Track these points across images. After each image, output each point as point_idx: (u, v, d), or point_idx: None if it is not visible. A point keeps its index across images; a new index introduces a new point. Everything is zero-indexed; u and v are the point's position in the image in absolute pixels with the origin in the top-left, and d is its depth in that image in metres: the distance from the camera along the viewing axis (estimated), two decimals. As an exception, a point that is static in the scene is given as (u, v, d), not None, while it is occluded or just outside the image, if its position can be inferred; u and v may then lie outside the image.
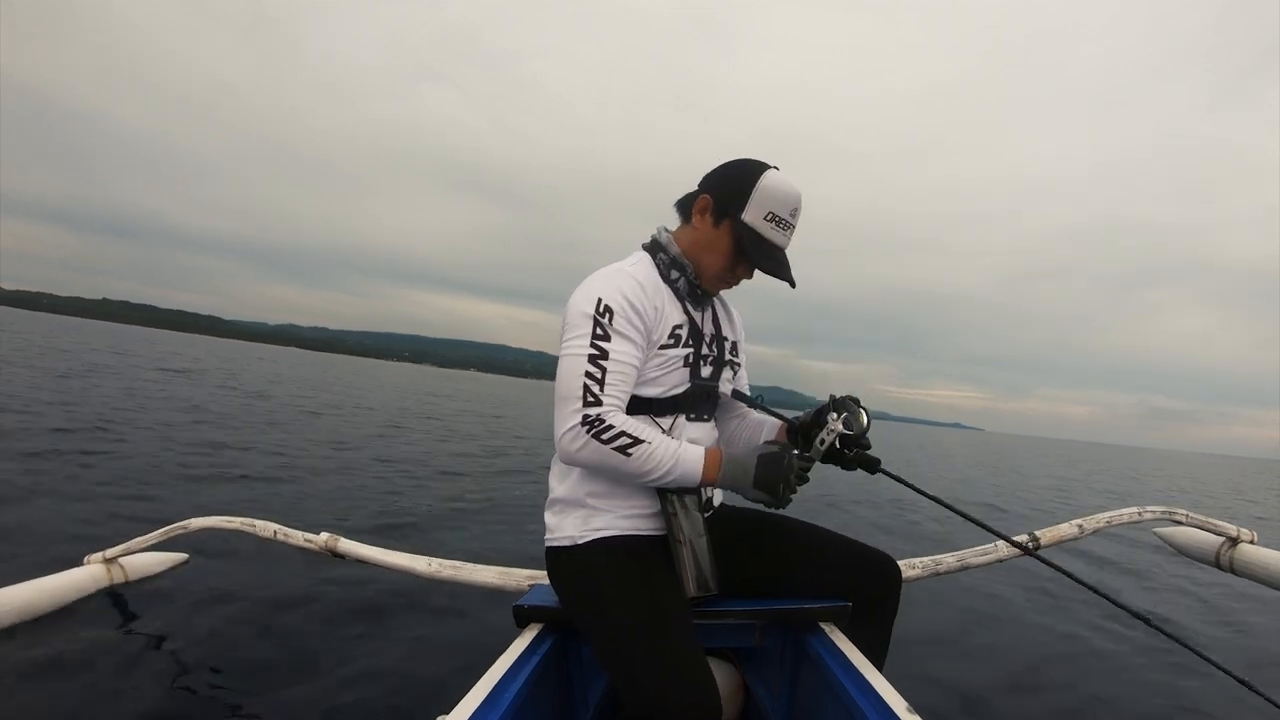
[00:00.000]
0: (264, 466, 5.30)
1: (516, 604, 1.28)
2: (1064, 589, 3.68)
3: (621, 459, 1.08)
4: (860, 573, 1.27)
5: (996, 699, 2.20)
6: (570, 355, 1.11)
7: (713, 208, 1.20)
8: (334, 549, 1.95)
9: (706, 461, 1.12)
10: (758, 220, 1.16)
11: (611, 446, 1.07)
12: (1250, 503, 12.51)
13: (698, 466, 1.12)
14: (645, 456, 1.08)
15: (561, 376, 1.11)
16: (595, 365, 1.09)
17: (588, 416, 1.07)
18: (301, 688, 1.87)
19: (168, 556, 2.51)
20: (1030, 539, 1.95)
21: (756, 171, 1.17)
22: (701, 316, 1.28)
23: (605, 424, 1.07)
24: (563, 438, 1.09)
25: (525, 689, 1.03)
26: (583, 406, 1.08)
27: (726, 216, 1.19)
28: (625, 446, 1.07)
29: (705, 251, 1.22)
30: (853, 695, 1.02)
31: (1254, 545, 2.13)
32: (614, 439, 1.07)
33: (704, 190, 1.22)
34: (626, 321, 1.13)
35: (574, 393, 1.09)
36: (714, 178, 1.22)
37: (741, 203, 1.17)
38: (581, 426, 1.07)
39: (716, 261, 1.22)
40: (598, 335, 1.11)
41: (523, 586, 1.76)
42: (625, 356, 1.12)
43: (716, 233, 1.20)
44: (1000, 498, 9.02)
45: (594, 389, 1.08)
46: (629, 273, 1.18)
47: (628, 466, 1.09)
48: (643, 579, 1.11)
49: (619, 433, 1.07)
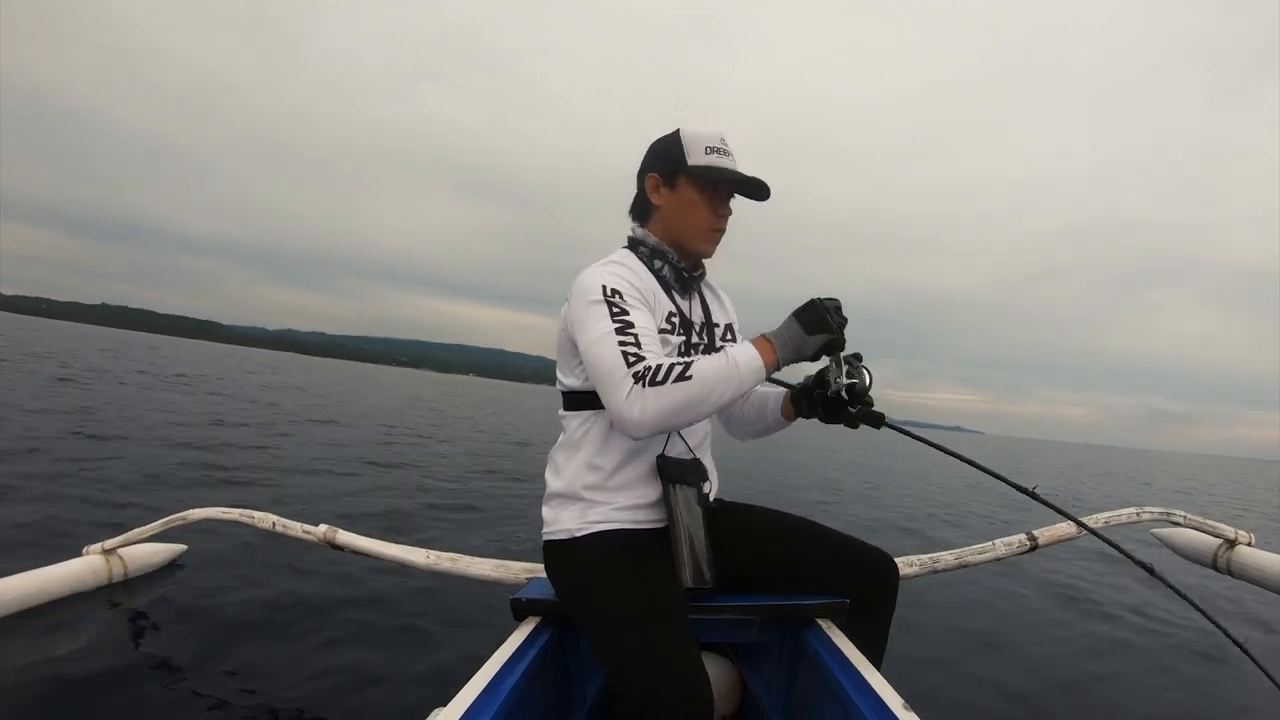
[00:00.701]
0: (263, 468, 5.31)
1: (514, 597, 1.28)
2: (1064, 589, 3.68)
3: (686, 386, 1.01)
4: (858, 570, 1.27)
5: (992, 697, 2.21)
6: (598, 339, 1.08)
7: (662, 178, 1.25)
8: (332, 540, 1.95)
9: (760, 349, 1.09)
10: (702, 159, 1.22)
11: (671, 381, 1.01)
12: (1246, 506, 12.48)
13: (754, 353, 1.08)
14: (703, 372, 1.03)
15: (599, 360, 1.07)
16: (626, 335, 1.07)
17: (636, 373, 1.03)
18: (299, 679, 1.87)
19: (166, 547, 2.51)
20: (1028, 539, 1.95)
21: (674, 132, 1.25)
22: (689, 305, 1.29)
23: (652, 368, 1.03)
24: (625, 409, 1.02)
25: (522, 682, 1.03)
26: (629, 370, 1.04)
27: (677, 175, 1.24)
28: (681, 373, 1.02)
29: (682, 216, 1.25)
30: (849, 692, 1.02)
31: (1251, 548, 2.13)
32: (668, 374, 1.02)
33: (640, 176, 1.28)
34: (635, 298, 1.14)
35: (617, 365, 1.04)
36: (646, 162, 1.28)
37: (680, 156, 1.22)
38: (635, 385, 1.02)
39: (697, 216, 1.25)
40: (615, 312, 1.10)
41: (520, 580, 1.76)
42: (647, 323, 1.12)
43: (680, 193, 1.25)
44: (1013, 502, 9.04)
45: (633, 352, 1.05)
46: (619, 262, 1.21)
47: (695, 389, 1.02)
48: (639, 572, 1.11)
49: (669, 366, 1.03)
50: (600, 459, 1.20)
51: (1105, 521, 2.12)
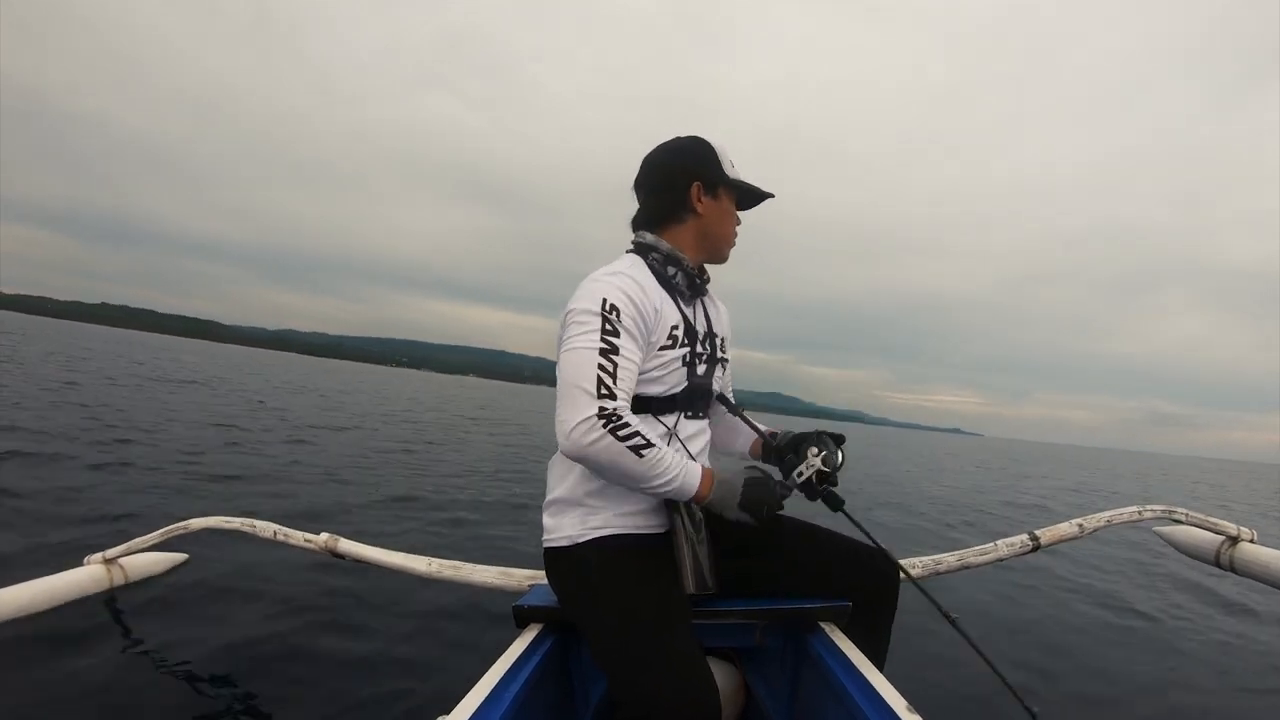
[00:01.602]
0: (262, 468, 5.30)
1: (516, 604, 1.28)
2: (1063, 589, 3.68)
3: (633, 459, 1.04)
4: (860, 572, 1.27)
5: (996, 699, 2.20)
6: (579, 349, 1.08)
7: (705, 187, 1.28)
8: (334, 549, 1.95)
9: (703, 483, 1.12)
10: (733, 172, 1.30)
11: (627, 444, 1.03)
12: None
13: (697, 482, 1.11)
14: (655, 461, 1.05)
15: (571, 368, 1.07)
16: (607, 360, 1.07)
17: (605, 409, 1.03)
18: (301, 688, 1.87)
19: (168, 557, 2.50)
20: (1030, 539, 1.95)
21: (702, 141, 1.30)
22: (694, 314, 1.29)
23: (623, 420, 1.04)
24: (575, 429, 1.03)
25: (525, 689, 1.03)
26: (598, 398, 1.04)
27: (718, 185, 1.29)
28: (640, 447, 1.04)
29: (720, 224, 1.31)
30: (853, 695, 1.02)
31: (1254, 544, 2.12)
32: (630, 437, 1.03)
33: (678, 183, 1.28)
34: (632, 321, 1.13)
35: (586, 385, 1.04)
36: (676, 167, 1.29)
37: (719, 168, 1.28)
38: (598, 418, 1.02)
39: (729, 226, 1.32)
40: (607, 331, 1.09)
41: (522, 587, 1.76)
42: (632, 355, 1.12)
43: (720, 203, 1.29)
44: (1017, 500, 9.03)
45: (607, 381, 1.06)
46: (627, 274, 1.18)
47: (636, 468, 1.04)
48: (641, 578, 1.11)
49: (635, 432, 1.04)
50: None
51: (1108, 521, 2.12)
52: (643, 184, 1.32)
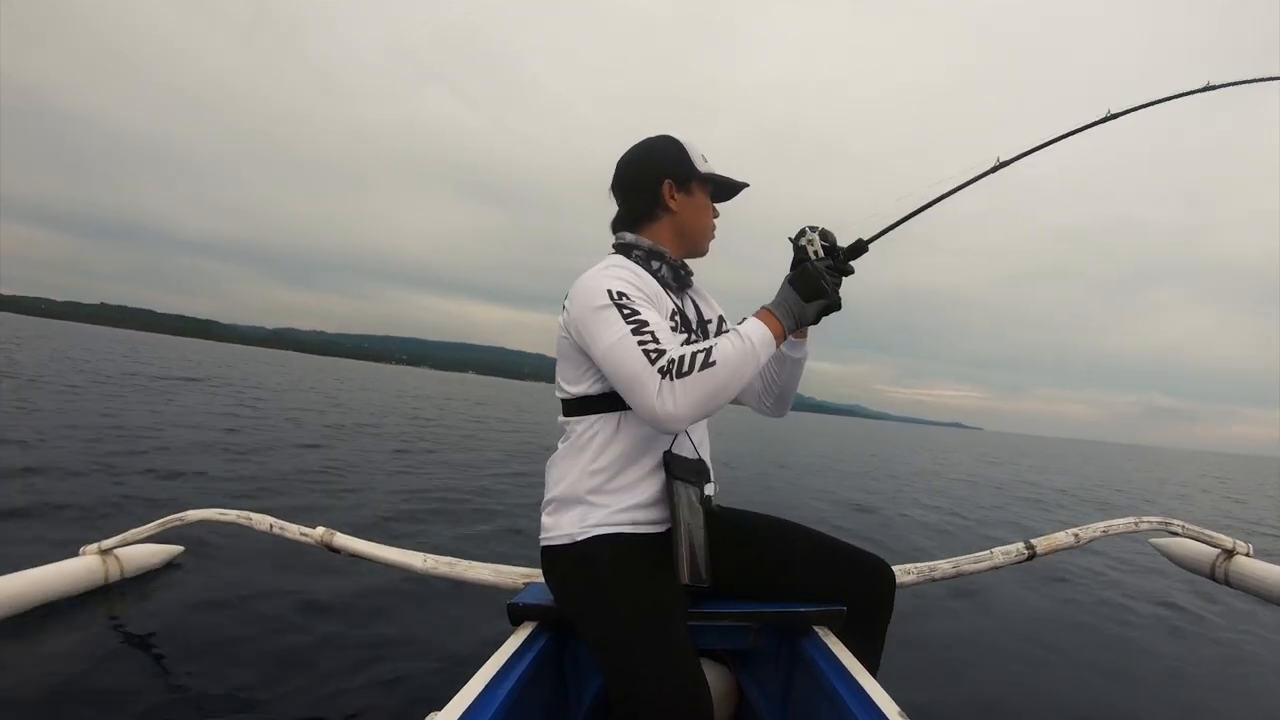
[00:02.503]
0: (261, 468, 5.30)
1: (511, 602, 1.28)
2: (1063, 596, 3.67)
3: (713, 372, 1.03)
4: (855, 577, 1.27)
5: (989, 706, 2.20)
6: (616, 342, 1.08)
7: (676, 184, 1.30)
8: (330, 543, 1.95)
9: (765, 320, 1.13)
10: (704, 166, 1.32)
11: (698, 370, 1.02)
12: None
13: (763, 327, 1.11)
14: (724, 356, 1.04)
15: (620, 363, 1.06)
16: (643, 334, 1.07)
17: (662, 368, 1.03)
18: (294, 682, 1.87)
19: (164, 548, 2.51)
20: (1026, 547, 1.95)
21: (669, 138, 1.33)
22: (684, 304, 1.32)
23: (677, 360, 1.04)
24: (658, 406, 1.01)
25: (518, 687, 1.03)
26: (654, 367, 1.03)
27: (689, 180, 1.31)
28: (705, 360, 1.03)
29: (695, 218, 1.33)
30: (845, 699, 1.02)
31: (1249, 558, 2.13)
32: (693, 363, 1.03)
33: (649, 182, 1.30)
34: (641, 298, 1.15)
35: (642, 365, 1.04)
36: (646, 166, 1.32)
37: (689, 164, 1.31)
38: (663, 381, 1.02)
39: (706, 218, 1.35)
40: (627, 314, 1.10)
41: (518, 584, 1.76)
42: (659, 319, 1.13)
43: (693, 198, 1.32)
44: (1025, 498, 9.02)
45: (653, 349, 1.05)
46: (619, 266, 1.22)
47: (721, 374, 1.03)
48: (637, 576, 1.11)
49: (690, 355, 1.04)
50: (602, 462, 1.20)
51: (1104, 531, 2.12)
52: (618, 186, 1.35)
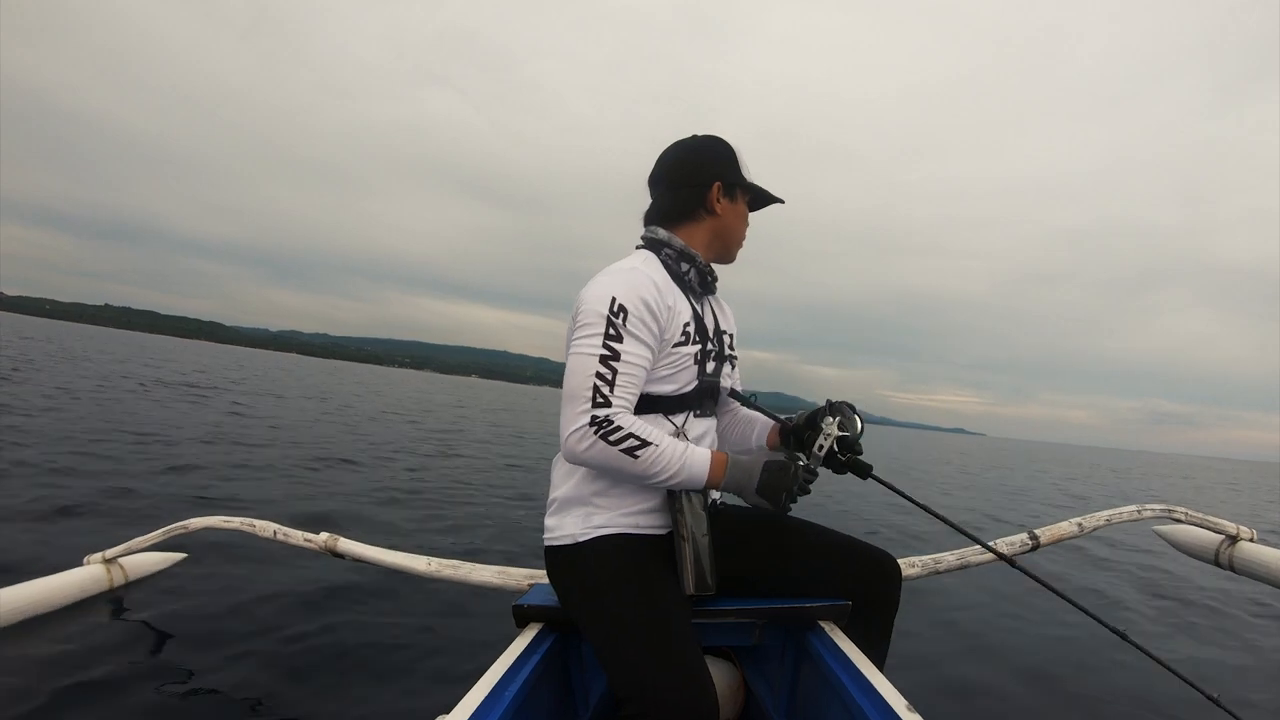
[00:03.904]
0: (261, 467, 5.30)
1: (516, 604, 1.28)
2: (1066, 589, 3.67)
3: (628, 460, 1.07)
4: (860, 571, 1.27)
5: (996, 698, 2.21)
6: (581, 354, 1.10)
7: (723, 188, 1.28)
8: (333, 548, 1.95)
9: (713, 465, 1.13)
10: (751, 176, 1.32)
11: (619, 448, 1.06)
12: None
13: (704, 469, 1.12)
14: (653, 459, 1.08)
15: (571, 375, 1.10)
16: (606, 366, 1.08)
17: (595, 417, 1.06)
18: (300, 688, 1.87)
19: (167, 556, 2.50)
20: (1030, 538, 1.95)
21: (722, 142, 1.31)
22: (703, 311, 1.30)
23: (614, 425, 1.07)
24: (569, 437, 1.08)
25: (525, 688, 1.03)
26: (591, 407, 1.07)
27: (736, 187, 1.30)
28: (633, 448, 1.07)
29: (736, 226, 1.32)
30: (852, 693, 1.02)
31: (1253, 543, 2.13)
32: (622, 440, 1.06)
33: (700, 181, 1.28)
34: (640, 323, 1.13)
35: (583, 393, 1.08)
36: (698, 165, 1.29)
37: (738, 170, 1.30)
38: (589, 427, 1.06)
39: (743, 228, 1.34)
40: (610, 335, 1.10)
41: (522, 586, 1.76)
42: (636, 359, 1.12)
43: (736, 205, 1.31)
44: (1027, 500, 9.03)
45: (603, 389, 1.08)
46: (643, 271, 1.18)
47: (634, 468, 1.08)
48: (642, 577, 1.11)
49: (627, 434, 1.07)
50: None
51: (1107, 520, 2.12)
52: (660, 179, 1.31)
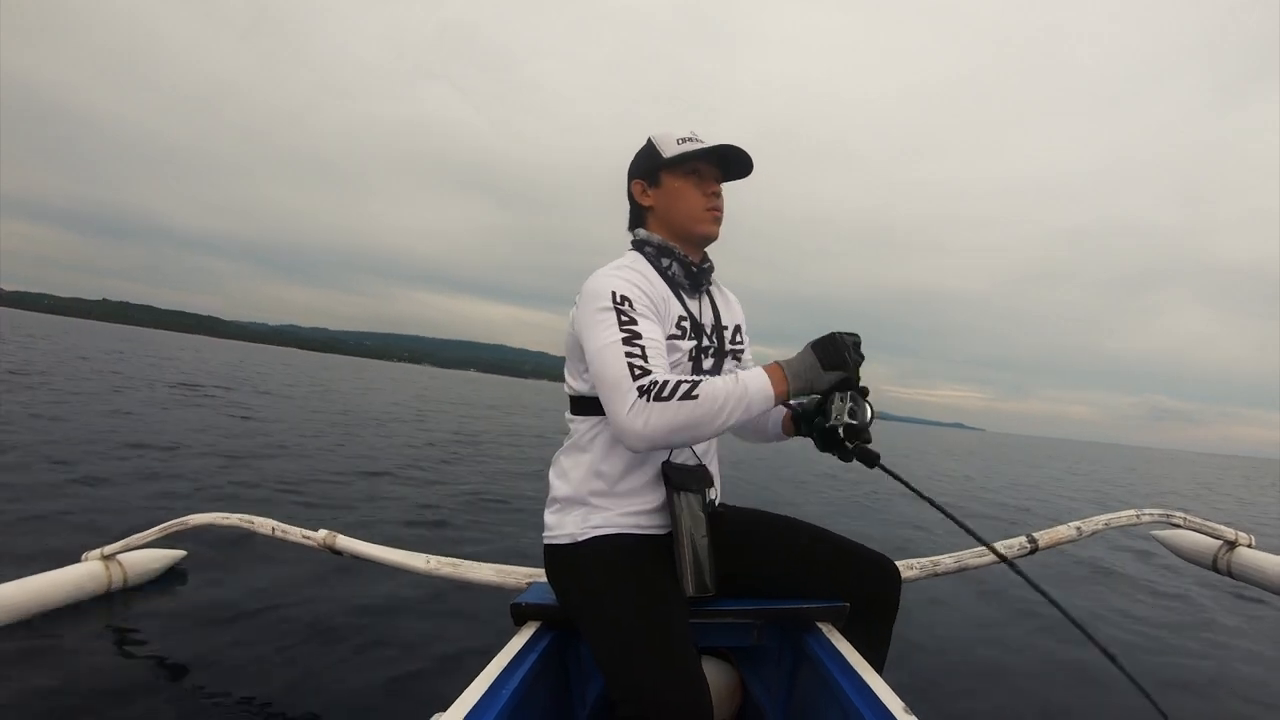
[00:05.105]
0: (261, 466, 5.29)
1: (514, 602, 1.28)
2: (1066, 593, 3.67)
3: (691, 405, 1.01)
4: (859, 573, 1.27)
5: (993, 702, 2.20)
6: (605, 346, 1.08)
7: (646, 181, 1.29)
8: (332, 545, 1.95)
9: (772, 377, 1.08)
10: (675, 149, 1.25)
11: (677, 398, 1.01)
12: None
13: (764, 380, 1.07)
14: (712, 392, 1.02)
15: (604, 368, 1.07)
16: (633, 346, 1.07)
17: (642, 387, 1.03)
18: (297, 684, 1.87)
19: (166, 553, 2.51)
20: (1028, 541, 1.95)
21: (645, 141, 1.30)
22: (699, 307, 1.29)
23: (659, 382, 1.03)
24: (626, 418, 1.02)
25: (522, 687, 1.03)
26: (634, 381, 1.03)
27: (657, 172, 1.27)
28: (689, 391, 1.02)
29: (674, 206, 1.27)
30: (850, 695, 1.02)
31: (1252, 549, 2.13)
32: (674, 390, 1.02)
33: (629, 189, 1.32)
34: (645, 306, 1.15)
35: (622, 375, 1.04)
36: (629, 174, 1.32)
37: (656, 155, 1.27)
38: (640, 399, 1.02)
39: (689, 201, 1.26)
40: (624, 321, 1.10)
41: (521, 584, 1.76)
42: (655, 334, 1.13)
43: (665, 188, 1.27)
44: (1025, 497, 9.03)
45: (638, 364, 1.05)
46: (631, 267, 1.21)
47: (700, 409, 1.02)
48: (640, 577, 1.11)
49: (676, 383, 1.03)
50: (606, 464, 1.20)
51: (1105, 524, 2.12)
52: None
